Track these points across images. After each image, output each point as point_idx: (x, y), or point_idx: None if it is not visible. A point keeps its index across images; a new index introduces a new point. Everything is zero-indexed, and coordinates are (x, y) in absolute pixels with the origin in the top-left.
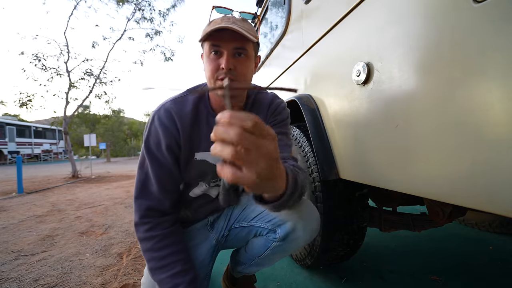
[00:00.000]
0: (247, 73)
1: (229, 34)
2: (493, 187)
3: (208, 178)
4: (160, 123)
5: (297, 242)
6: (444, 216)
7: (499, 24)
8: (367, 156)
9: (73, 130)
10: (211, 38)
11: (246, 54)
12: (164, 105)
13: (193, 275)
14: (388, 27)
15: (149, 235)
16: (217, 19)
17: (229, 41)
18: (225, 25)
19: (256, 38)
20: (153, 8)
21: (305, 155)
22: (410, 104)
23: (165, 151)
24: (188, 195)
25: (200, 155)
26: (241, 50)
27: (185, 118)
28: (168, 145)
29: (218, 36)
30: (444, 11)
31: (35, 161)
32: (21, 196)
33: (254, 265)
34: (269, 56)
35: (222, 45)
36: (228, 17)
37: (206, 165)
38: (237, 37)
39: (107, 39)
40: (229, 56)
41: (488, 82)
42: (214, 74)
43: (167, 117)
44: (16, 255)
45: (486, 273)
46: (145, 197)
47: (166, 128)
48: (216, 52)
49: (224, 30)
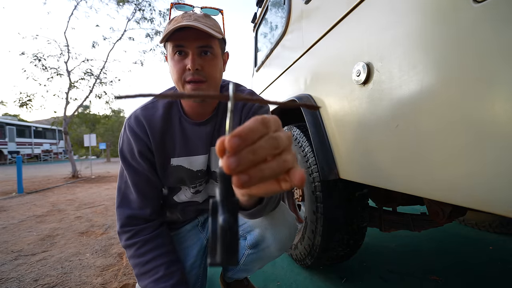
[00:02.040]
0: (216, 72)
1: (192, 33)
2: (493, 187)
3: (187, 183)
4: (130, 131)
5: (270, 251)
6: (444, 216)
7: (499, 24)
8: (367, 156)
9: (73, 130)
10: (173, 38)
11: (212, 52)
12: (134, 112)
13: (177, 278)
14: (388, 27)
15: (130, 243)
16: (178, 16)
17: (192, 40)
18: (186, 23)
19: (221, 34)
20: (153, 8)
21: (305, 155)
22: (410, 104)
23: (138, 158)
24: (173, 199)
25: (176, 160)
26: (207, 48)
27: (155, 124)
28: (140, 152)
29: (180, 36)
30: (444, 11)
31: (35, 161)
32: (21, 196)
33: (240, 271)
34: (269, 56)
35: (186, 44)
36: (189, 13)
37: (182, 170)
38: (201, 35)
39: (107, 39)
40: (195, 56)
41: (488, 82)
42: (181, 76)
43: (137, 125)
44: (16, 255)
45: (486, 273)
46: (125, 206)
47: (136, 136)
48: (180, 52)
49: (186, 28)
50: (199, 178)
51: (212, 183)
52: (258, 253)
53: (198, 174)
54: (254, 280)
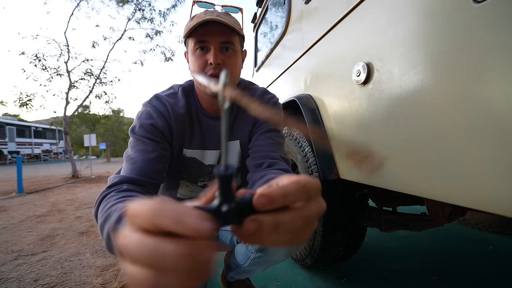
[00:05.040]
0: (236, 68)
1: (215, 28)
2: (493, 187)
3: (195, 177)
4: (153, 108)
5: (276, 255)
6: (444, 216)
7: (499, 24)
8: (367, 156)
9: (73, 130)
10: (195, 33)
11: (233, 48)
12: (156, 95)
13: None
14: (388, 27)
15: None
16: (200, 13)
17: (215, 35)
18: (210, 17)
19: (242, 31)
20: (153, 8)
21: (305, 155)
22: (410, 104)
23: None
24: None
25: (190, 152)
26: (228, 44)
27: (178, 110)
28: (158, 128)
29: (203, 31)
30: (444, 11)
31: (35, 161)
32: (21, 196)
33: (243, 272)
34: (269, 56)
35: (208, 39)
36: (211, 11)
37: (195, 162)
38: (224, 31)
39: (107, 39)
40: (217, 51)
41: (488, 82)
42: (203, 70)
43: (162, 105)
44: (16, 255)
45: (486, 273)
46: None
47: (160, 113)
48: (202, 48)
49: (209, 24)
50: (208, 173)
51: None
52: (264, 257)
53: (209, 168)
54: (254, 280)
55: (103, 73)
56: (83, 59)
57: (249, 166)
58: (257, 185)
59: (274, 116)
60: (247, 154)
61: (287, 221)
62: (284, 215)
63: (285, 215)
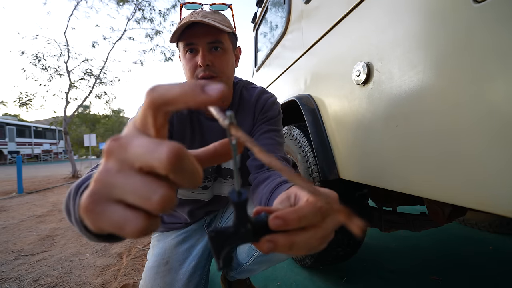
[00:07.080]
0: (227, 67)
1: (201, 29)
2: (493, 187)
3: None
4: None
5: (279, 254)
6: (444, 216)
7: (499, 24)
8: (367, 156)
9: (73, 130)
10: (183, 36)
11: (222, 47)
12: None
13: None
14: (388, 27)
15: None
16: (187, 16)
17: (202, 36)
18: (194, 19)
19: (231, 29)
20: (153, 8)
21: (305, 155)
22: (410, 104)
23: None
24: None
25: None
26: (217, 44)
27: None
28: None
29: (190, 33)
30: (444, 11)
31: (35, 161)
32: (21, 196)
33: (244, 271)
34: (269, 56)
35: (195, 41)
36: (197, 11)
37: None
38: (210, 31)
39: (107, 39)
40: (205, 52)
41: (488, 82)
42: (193, 73)
43: None
44: (16, 255)
45: (486, 273)
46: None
47: None
48: (191, 50)
49: (195, 26)
50: (209, 174)
51: (220, 181)
52: (266, 256)
53: (209, 169)
54: (254, 280)
55: (103, 73)
56: (83, 59)
57: (250, 167)
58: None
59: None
60: (247, 154)
61: (302, 241)
62: (299, 236)
63: (300, 236)
